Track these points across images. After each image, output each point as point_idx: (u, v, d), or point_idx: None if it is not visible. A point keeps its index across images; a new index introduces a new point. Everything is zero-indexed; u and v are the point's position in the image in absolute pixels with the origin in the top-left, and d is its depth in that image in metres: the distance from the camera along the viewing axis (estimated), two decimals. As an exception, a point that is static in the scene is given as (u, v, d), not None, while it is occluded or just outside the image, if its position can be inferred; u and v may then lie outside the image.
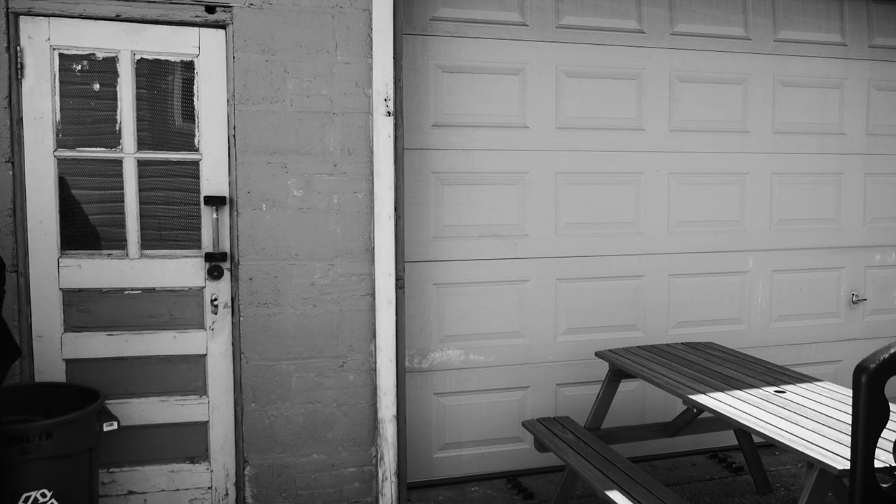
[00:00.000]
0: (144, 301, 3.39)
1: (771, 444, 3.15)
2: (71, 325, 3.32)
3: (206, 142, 3.41)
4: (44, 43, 3.21)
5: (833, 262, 4.61)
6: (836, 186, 4.59)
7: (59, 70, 3.25)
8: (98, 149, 3.32)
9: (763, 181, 4.43)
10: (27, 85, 3.20)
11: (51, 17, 3.20)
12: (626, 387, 3.96)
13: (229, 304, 3.47)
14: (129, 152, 3.34)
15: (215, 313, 3.45)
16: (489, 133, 3.93)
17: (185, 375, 3.44)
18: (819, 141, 4.52)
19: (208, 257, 3.41)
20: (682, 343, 4.00)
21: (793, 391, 3.12)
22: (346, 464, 3.58)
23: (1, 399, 3.07)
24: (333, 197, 3.49)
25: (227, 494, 3.53)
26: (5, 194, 3.16)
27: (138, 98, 3.34)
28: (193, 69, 3.39)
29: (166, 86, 3.40)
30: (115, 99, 3.32)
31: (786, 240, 4.51)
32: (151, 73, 3.36)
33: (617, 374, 3.70)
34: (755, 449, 3.88)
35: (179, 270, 3.41)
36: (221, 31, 3.39)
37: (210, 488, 3.51)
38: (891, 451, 2.14)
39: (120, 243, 3.36)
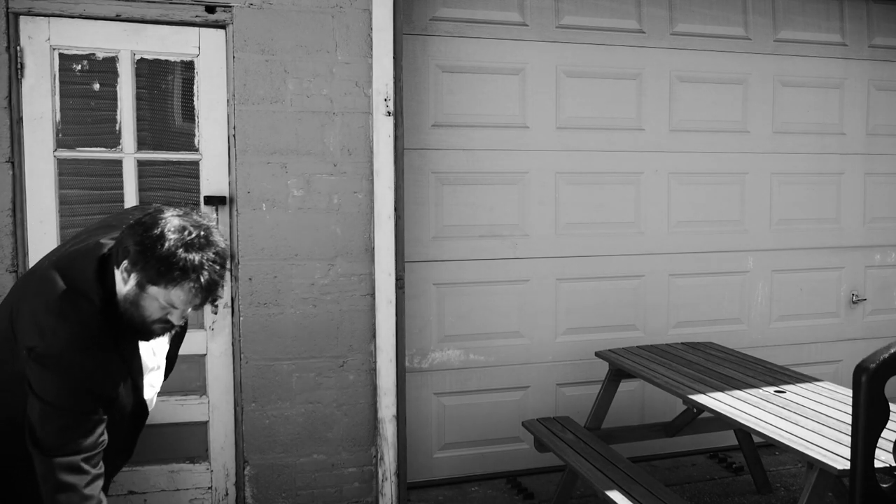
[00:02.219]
0: (144, 301, 3.39)
1: (771, 444, 3.15)
2: (71, 325, 3.31)
3: (206, 142, 3.41)
4: (44, 43, 3.21)
5: (833, 262, 4.61)
6: (836, 186, 4.58)
7: (59, 70, 3.25)
8: (98, 149, 3.32)
9: (763, 181, 4.43)
10: (27, 85, 3.20)
11: (51, 17, 3.20)
12: (626, 387, 3.96)
13: (229, 304, 3.47)
14: (129, 152, 3.33)
15: (215, 313, 3.45)
16: (489, 133, 3.93)
17: (185, 375, 3.44)
18: (819, 141, 4.52)
19: (208, 257, 3.40)
20: (682, 343, 4.00)
21: (793, 391, 3.12)
22: (346, 464, 3.58)
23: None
24: (333, 197, 3.48)
25: (227, 494, 3.53)
26: (5, 194, 3.16)
27: (138, 98, 3.34)
28: (193, 69, 3.39)
29: (166, 86, 3.40)
30: (115, 99, 3.32)
31: (786, 240, 4.51)
32: (151, 73, 3.36)
33: (617, 374, 3.70)
34: (755, 449, 3.88)
35: (179, 270, 3.41)
36: (221, 31, 3.39)
37: (210, 488, 3.51)
38: (891, 451, 2.14)
39: (120, 243, 3.36)
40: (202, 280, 1.75)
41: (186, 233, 1.75)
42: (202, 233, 1.78)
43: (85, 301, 1.82)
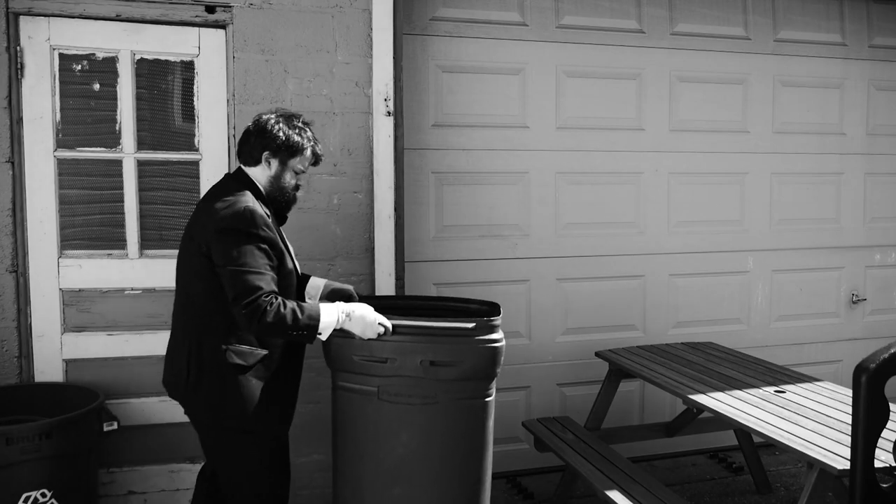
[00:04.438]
0: (144, 301, 3.39)
1: (771, 444, 3.15)
2: (71, 326, 3.32)
3: (206, 142, 3.41)
4: (44, 43, 3.21)
5: (833, 262, 4.61)
6: (836, 186, 4.58)
7: (59, 70, 3.25)
8: (98, 149, 3.32)
9: (763, 181, 4.43)
10: (27, 85, 3.20)
11: (51, 17, 3.20)
12: (626, 387, 3.96)
13: (229, 304, 3.46)
14: (128, 152, 3.33)
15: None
16: (489, 133, 3.93)
17: (185, 375, 3.44)
18: (819, 141, 4.52)
19: (208, 257, 3.42)
20: (682, 343, 4.00)
21: (793, 391, 3.12)
22: (346, 464, 3.57)
23: (1, 399, 3.07)
24: (333, 197, 3.48)
25: (227, 494, 3.53)
26: (5, 194, 3.16)
27: (138, 98, 3.34)
28: (193, 69, 3.39)
29: (166, 86, 3.40)
30: (115, 99, 3.32)
31: (786, 240, 4.51)
32: (151, 73, 3.36)
33: (617, 374, 3.70)
34: (755, 449, 3.88)
35: (179, 270, 3.41)
36: (221, 31, 3.39)
37: (210, 488, 3.51)
38: (891, 451, 2.14)
39: (120, 243, 3.36)
40: (318, 144, 2.61)
41: (291, 120, 2.54)
42: (292, 118, 2.56)
43: (246, 197, 2.44)
